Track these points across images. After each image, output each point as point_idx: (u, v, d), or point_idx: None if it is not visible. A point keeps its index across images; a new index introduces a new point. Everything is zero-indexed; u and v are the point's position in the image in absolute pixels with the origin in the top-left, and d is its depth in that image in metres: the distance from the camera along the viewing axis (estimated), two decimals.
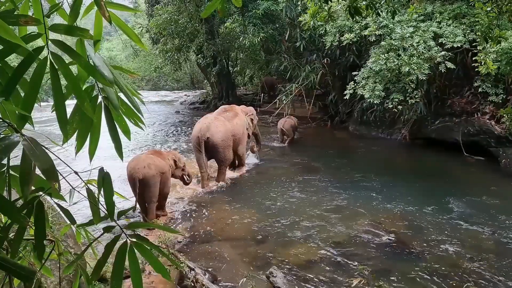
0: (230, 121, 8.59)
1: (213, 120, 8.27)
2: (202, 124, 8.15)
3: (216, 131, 8.09)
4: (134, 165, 5.89)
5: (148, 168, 5.84)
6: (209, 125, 8.08)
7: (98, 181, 1.35)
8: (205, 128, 8.03)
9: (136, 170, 5.78)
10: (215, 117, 8.47)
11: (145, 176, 5.80)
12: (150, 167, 5.87)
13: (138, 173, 5.76)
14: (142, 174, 5.77)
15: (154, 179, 5.89)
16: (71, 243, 3.56)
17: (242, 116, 9.14)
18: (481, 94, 10.06)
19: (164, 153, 6.62)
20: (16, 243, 1.26)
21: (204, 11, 2.04)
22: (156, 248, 1.37)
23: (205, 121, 8.24)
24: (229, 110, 9.11)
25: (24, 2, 1.42)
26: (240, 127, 8.83)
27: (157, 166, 5.99)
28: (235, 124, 8.66)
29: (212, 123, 8.15)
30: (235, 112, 9.04)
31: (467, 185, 8.07)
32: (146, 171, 5.80)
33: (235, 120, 8.78)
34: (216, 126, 8.14)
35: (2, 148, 0.99)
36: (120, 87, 1.32)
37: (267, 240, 5.73)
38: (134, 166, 5.85)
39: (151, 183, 5.88)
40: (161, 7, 17.83)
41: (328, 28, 11.12)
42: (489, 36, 5.17)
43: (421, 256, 5.22)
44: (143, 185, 5.82)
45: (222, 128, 8.23)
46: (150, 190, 5.92)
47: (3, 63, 1.30)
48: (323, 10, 4.90)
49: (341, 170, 9.21)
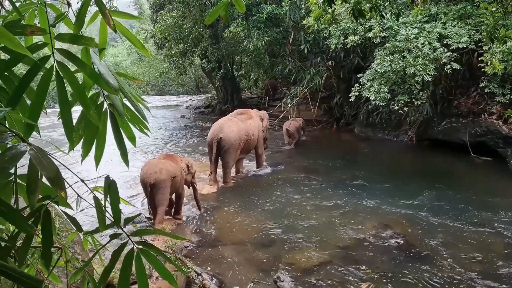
0: (243, 122, 8.81)
1: (226, 121, 8.54)
2: (217, 125, 8.44)
3: (229, 131, 8.30)
4: (146, 170, 6.06)
5: (159, 173, 5.98)
6: (222, 126, 8.34)
7: (104, 189, 1.36)
8: (218, 128, 8.30)
9: (148, 175, 5.94)
10: (229, 119, 8.76)
11: (156, 181, 5.94)
12: (161, 172, 6.01)
13: (150, 178, 5.91)
14: (153, 179, 5.92)
15: (164, 183, 6.02)
16: (79, 249, 3.57)
17: (256, 118, 9.33)
18: (487, 95, 10.01)
19: (177, 157, 6.76)
20: (23, 252, 1.27)
21: (207, 18, 2.04)
22: (162, 255, 1.37)
23: (219, 123, 8.52)
24: (244, 113, 9.36)
25: (30, 12, 1.43)
26: (254, 128, 8.98)
27: (168, 171, 6.12)
28: (249, 125, 8.84)
29: (226, 124, 8.41)
30: (250, 115, 9.26)
31: (475, 186, 8.02)
32: (157, 176, 5.95)
33: (249, 121, 8.97)
34: (229, 127, 8.38)
35: (9, 157, 0.99)
36: (125, 94, 1.33)
37: (274, 244, 5.72)
38: (146, 171, 6.02)
39: (162, 187, 6.02)
40: (166, 13, 17.93)
41: (332, 31, 11.12)
42: (495, 36, 5.14)
43: (430, 259, 5.19)
44: (154, 189, 5.98)
45: (235, 128, 8.44)
46: (160, 194, 6.06)
47: (9, 72, 1.31)
48: (327, 13, 4.90)
49: (347, 172, 9.18)
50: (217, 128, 8.33)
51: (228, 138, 8.22)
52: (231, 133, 8.28)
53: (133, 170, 7.97)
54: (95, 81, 1.28)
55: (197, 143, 13.12)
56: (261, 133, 9.29)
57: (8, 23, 1.28)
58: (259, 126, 9.25)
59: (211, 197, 7.71)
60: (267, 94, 19.12)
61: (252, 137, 8.84)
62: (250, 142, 8.83)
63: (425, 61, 9.09)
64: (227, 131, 8.26)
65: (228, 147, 8.25)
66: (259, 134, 9.17)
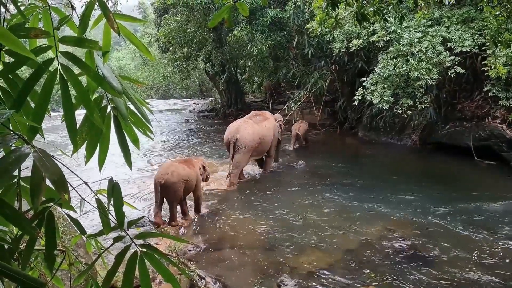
0: (258, 124, 9.10)
1: (242, 123, 8.92)
2: (233, 126, 8.82)
3: (245, 133, 8.62)
4: (159, 171, 6.51)
5: (170, 175, 6.29)
6: (238, 128, 8.71)
7: (107, 191, 1.36)
8: (234, 130, 8.67)
9: (160, 176, 6.31)
10: (245, 121, 9.13)
11: (166, 182, 6.25)
12: (172, 175, 6.31)
13: (161, 179, 6.26)
14: (164, 180, 6.25)
15: (174, 186, 6.31)
16: (82, 252, 3.57)
17: (271, 120, 9.61)
18: (491, 98, 9.99)
19: (194, 161, 7.02)
20: (27, 254, 1.27)
21: (211, 21, 2.05)
22: (165, 258, 1.37)
23: (235, 124, 8.92)
24: (260, 114, 9.68)
25: (34, 15, 1.44)
26: (269, 130, 9.27)
27: (180, 174, 6.39)
28: (263, 127, 9.12)
29: (241, 126, 8.78)
30: (265, 117, 9.56)
31: (479, 191, 7.97)
32: (167, 178, 6.27)
33: (264, 123, 9.25)
34: (245, 128, 8.71)
35: (12, 160, 1.00)
36: (128, 97, 1.33)
37: (278, 248, 5.70)
38: (159, 173, 6.44)
39: (172, 189, 6.31)
40: (170, 17, 17.99)
41: (336, 35, 11.14)
42: (499, 40, 5.13)
43: (435, 263, 5.16)
44: (164, 189, 6.31)
45: (251, 130, 8.76)
46: (170, 194, 6.37)
47: (14, 75, 1.32)
48: (330, 17, 4.90)
49: (351, 176, 9.16)
50: (233, 129, 8.68)
51: (243, 139, 8.54)
52: (246, 135, 8.59)
53: (135, 172, 7.99)
54: (98, 84, 1.29)
55: (201, 146, 13.13)
56: (276, 134, 9.61)
57: (12, 26, 1.29)
58: (274, 128, 9.52)
59: (214, 200, 7.70)
60: (271, 97, 19.14)
61: (266, 139, 9.10)
62: (264, 144, 9.08)
63: (428, 65, 9.08)
64: (243, 132, 8.59)
65: (242, 147, 8.55)
66: (274, 136, 9.44)
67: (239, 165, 8.66)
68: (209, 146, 13.15)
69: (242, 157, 8.61)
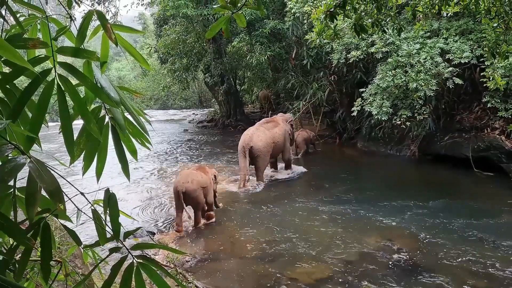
0: (270, 130, 9.79)
1: (255, 131, 9.57)
2: (246, 135, 9.46)
3: (258, 140, 9.31)
4: (179, 179, 6.77)
5: (190, 183, 6.62)
6: (252, 136, 9.36)
7: (104, 202, 1.35)
8: (248, 138, 9.31)
9: (181, 185, 6.59)
10: (257, 128, 9.81)
11: (187, 190, 6.56)
12: (192, 182, 6.64)
13: (182, 187, 6.56)
14: (185, 188, 6.55)
15: (195, 192, 6.64)
16: (79, 263, 3.54)
17: (282, 125, 10.26)
18: (490, 110, 10.00)
19: (207, 168, 7.41)
20: (22, 265, 1.26)
21: (208, 32, 2.06)
22: (162, 269, 1.35)
23: (248, 133, 9.55)
24: (270, 121, 10.41)
25: (33, 26, 1.45)
26: (281, 135, 9.96)
27: (199, 181, 6.74)
28: (275, 133, 9.81)
29: (255, 134, 9.45)
30: (276, 122, 10.22)
31: (478, 202, 7.95)
32: (188, 185, 6.59)
33: (275, 129, 9.92)
34: (258, 136, 9.40)
35: (8, 170, 0.99)
36: (126, 107, 1.33)
37: (276, 259, 5.67)
38: (179, 181, 6.70)
39: (193, 195, 6.64)
40: (169, 28, 18.11)
41: (335, 46, 11.19)
42: (497, 51, 5.15)
43: (433, 275, 5.13)
44: (187, 197, 6.61)
45: (263, 137, 9.45)
46: (193, 201, 6.71)
47: (11, 85, 1.32)
48: (329, 28, 4.92)
49: (350, 187, 9.14)
50: (247, 138, 9.32)
51: (257, 146, 9.24)
52: (259, 142, 9.29)
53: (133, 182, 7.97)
54: (96, 94, 1.29)
55: (199, 156, 13.12)
56: (287, 136, 10.28)
57: (10, 37, 1.29)
58: (285, 132, 10.19)
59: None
60: (270, 107, 19.19)
61: (278, 143, 9.82)
62: (276, 148, 9.82)
63: (427, 76, 9.11)
64: (255, 140, 9.29)
65: (258, 154, 9.28)
66: (285, 138, 10.14)
67: (261, 169, 9.48)
68: (208, 156, 13.14)
69: (262, 162, 9.40)
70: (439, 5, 4.87)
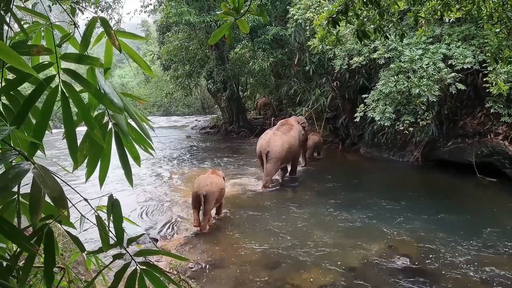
0: (286, 134, 9.95)
1: (272, 136, 9.75)
2: (263, 140, 9.72)
3: (275, 145, 9.50)
4: (199, 183, 7.01)
5: (210, 186, 6.91)
6: (269, 141, 9.56)
7: (107, 208, 1.35)
8: (265, 143, 9.54)
9: (201, 188, 6.84)
10: (274, 132, 9.94)
11: (208, 192, 6.84)
12: (212, 185, 6.94)
13: (203, 190, 6.81)
14: (206, 191, 6.81)
15: (214, 195, 6.95)
16: (82, 270, 3.54)
17: (297, 127, 10.45)
18: (493, 115, 9.97)
19: (219, 172, 7.69)
20: (25, 272, 1.26)
21: (211, 38, 2.07)
22: (165, 276, 1.35)
23: (265, 137, 9.78)
24: (285, 124, 10.51)
25: (37, 33, 1.46)
26: (296, 139, 10.15)
27: (217, 184, 7.08)
28: (291, 137, 9.99)
29: (272, 138, 9.64)
30: (291, 125, 10.38)
31: (481, 208, 7.92)
32: (208, 188, 6.86)
33: (291, 132, 10.09)
34: (275, 141, 9.58)
35: (12, 176, 1.00)
36: (130, 113, 1.33)
37: (279, 265, 5.65)
38: (199, 185, 6.95)
39: (212, 198, 6.93)
40: (172, 34, 18.18)
41: (337, 52, 11.21)
42: (499, 57, 5.16)
43: (437, 281, 5.09)
44: (206, 199, 6.83)
45: (280, 141, 9.62)
46: (209, 204, 6.93)
47: (15, 92, 1.32)
48: (331, 34, 4.93)
49: (353, 193, 9.12)
50: (264, 143, 9.55)
51: (274, 151, 9.43)
52: (276, 147, 9.47)
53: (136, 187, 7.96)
54: (100, 100, 1.29)
55: (202, 161, 13.12)
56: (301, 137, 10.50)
57: (14, 43, 1.30)
58: (299, 135, 10.35)
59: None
60: (272, 113, 19.20)
61: (293, 148, 10.01)
62: (291, 152, 9.97)
63: (430, 81, 9.11)
64: (273, 145, 9.47)
65: (272, 157, 9.42)
66: (299, 142, 10.33)
67: (270, 173, 9.53)
68: (211, 161, 13.14)
69: (273, 166, 9.49)
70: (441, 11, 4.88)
